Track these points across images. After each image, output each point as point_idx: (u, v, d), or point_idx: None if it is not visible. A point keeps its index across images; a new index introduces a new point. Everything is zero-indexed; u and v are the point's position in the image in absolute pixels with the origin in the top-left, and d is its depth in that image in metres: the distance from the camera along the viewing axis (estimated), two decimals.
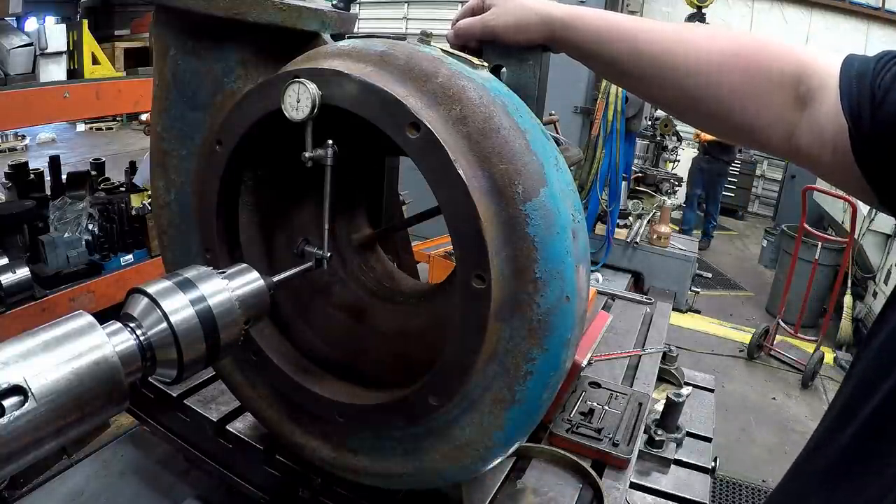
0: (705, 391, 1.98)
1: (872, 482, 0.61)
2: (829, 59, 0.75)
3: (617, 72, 0.96)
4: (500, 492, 1.23)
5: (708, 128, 0.92)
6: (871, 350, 0.69)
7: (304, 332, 1.16)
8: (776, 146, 0.81)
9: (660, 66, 0.88)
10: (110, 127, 12.67)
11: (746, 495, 3.66)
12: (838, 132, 0.71)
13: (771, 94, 0.79)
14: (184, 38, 1.01)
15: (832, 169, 0.75)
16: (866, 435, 0.64)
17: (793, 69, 0.78)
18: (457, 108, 0.80)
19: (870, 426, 0.64)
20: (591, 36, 0.94)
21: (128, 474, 1.57)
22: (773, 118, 0.79)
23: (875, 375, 0.65)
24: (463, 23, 1.02)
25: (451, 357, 0.85)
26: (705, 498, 1.46)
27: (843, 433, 0.67)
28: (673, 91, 0.89)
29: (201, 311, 0.73)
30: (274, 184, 1.12)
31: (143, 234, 2.93)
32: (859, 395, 0.67)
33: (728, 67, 0.82)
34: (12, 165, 2.96)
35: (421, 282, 1.50)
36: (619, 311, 2.31)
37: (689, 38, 0.87)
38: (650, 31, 0.90)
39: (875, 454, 0.63)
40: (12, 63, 2.58)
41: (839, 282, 5.27)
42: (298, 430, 1.13)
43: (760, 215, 10.57)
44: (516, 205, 0.78)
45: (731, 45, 0.84)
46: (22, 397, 0.57)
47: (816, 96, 0.75)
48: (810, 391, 4.95)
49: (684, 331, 5.46)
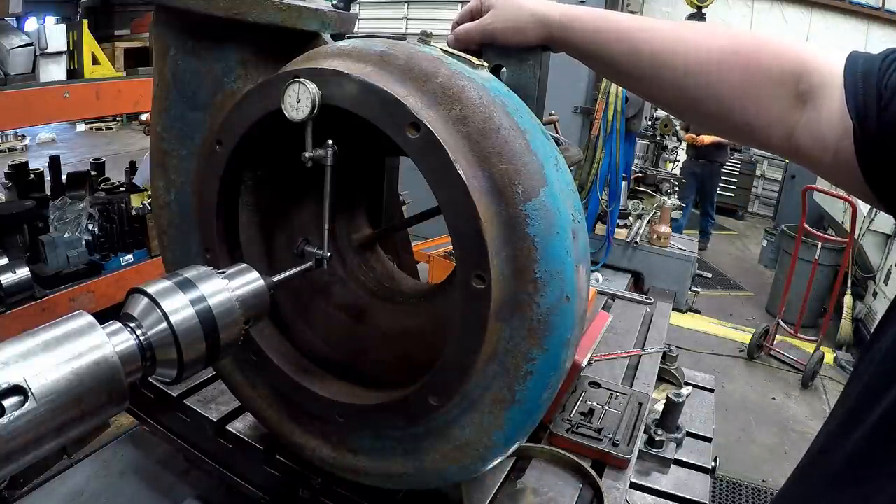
0: (705, 391, 1.98)
1: (881, 488, 0.60)
2: (831, 57, 0.75)
3: (616, 72, 0.96)
4: (500, 492, 1.23)
5: (708, 127, 0.92)
6: (878, 353, 0.68)
7: (305, 332, 1.16)
8: (777, 145, 0.81)
9: (658, 65, 0.88)
10: (110, 127, 12.67)
11: (746, 495, 3.65)
12: (841, 131, 0.70)
13: (771, 93, 0.78)
14: (184, 38, 1.01)
15: (833, 168, 0.75)
16: (874, 440, 0.63)
17: (793, 67, 0.77)
18: (457, 108, 0.80)
19: (878, 432, 0.63)
20: (589, 36, 0.94)
21: (128, 474, 1.57)
22: (774, 116, 0.79)
23: (882, 380, 0.64)
24: (462, 28, 1.02)
25: (451, 357, 0.85)
26: (705, 498, 1.46)
27: (850, 438, 0.66)
28: (672, 91, 0.88)
29: (201, 311, 0.73)
30: (274, 184, 1.12)
31: (143, 234, 2.92)
32: (865, 399, 0.66)
33: (727, 66, 0.82)
34: (12, 165, 2.96)
35: (421, 282, 1.50)
36: (619, 311, 2.31)
37: (688, 37, 0.86)
38: (648, 31, 0.90)
39: (883, 460, 0.62)
40: (12, 63, 2.58)
41: (839, 282, 5.27)
42: (298, 430, 1.13)
43: (760, 215, 10.57)
44: (516, 205, 0.78)
45: (730, 43, 0.83)
46: (22, 397, 0.57)
47: (818, 94, 0.74)
48: (810, 391, 4.95)
49: (684, 331, 5.46)
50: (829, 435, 0.73)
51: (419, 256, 2.13)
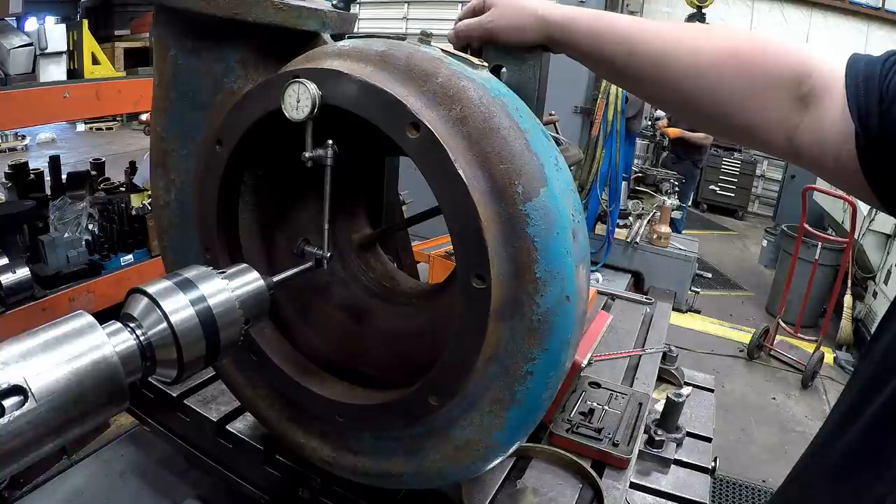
0: (705, 391, 1.98)
1: (877, 481, 0.61)
2: (832, 60, 0.74)
3: (615, 73, 0.96)
4: (500, 492, 1.23)
5: (709, 128, 0.92)
6: (877, 352, 0.69)
7: (305, 332, 1.16)
8: (778, 147, 0.81)
9: (657, 67, 0.87)
10: (110, 127, 12.67)
11: (746, 495, 3.66)
12: (843, 134, 0.70)
13: (771, 95, 0.78)
14: (184, 38, 1.01)
15: (836, 171, 0.75)
16: (871, 435, 0.64)
17: (794, 69, 0.77)
18: (457, 108, 0.79)
19: (874, 426, 0.64)
20: (588, 38, 0.94)
21: (128, 474, 1.57)
22: (774, 119, 0.79)
23: (880, 377, 0.64)
24: (462, 24, 1.03)
25: (451, 357, 0.85)
26: (705, 498, 1.46)
27: (847, 434, 0.67)
28: (672, 92, 0.88)
29: (201, 311, 0.73)
30: (274, 184, 1.12)
31: (143, 234, 2.92)
32: (864, 396, 0.67)
33: (727, 68, 0.81)
34: (12, 165, 2.95)
35: (421, 282, 1.49)
36: (619, 311, 2.31)
37: (686, 39, 0.86)
38: (646, 32, 0.90)
39: (880, 453, 0.63)
40: (12, 63, 2.58)
41: (839, 282, 5.27)
42: (298, 430, 1.13)
43: (760, 215, 10.56)
44: (516, 205, 0.78)
45: (729, 44, 0.83)
46: (22, 397, 0.57)
47: (819, 97, 0.74)
48: (810, 391, 4.95)
49: (684, 331, 5.46)
50: (827, 433, 0.74)
51: (419, 256, 2.14)
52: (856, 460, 0.66)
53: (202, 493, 1.51)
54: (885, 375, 0.64)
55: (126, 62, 3.26)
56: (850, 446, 0.67)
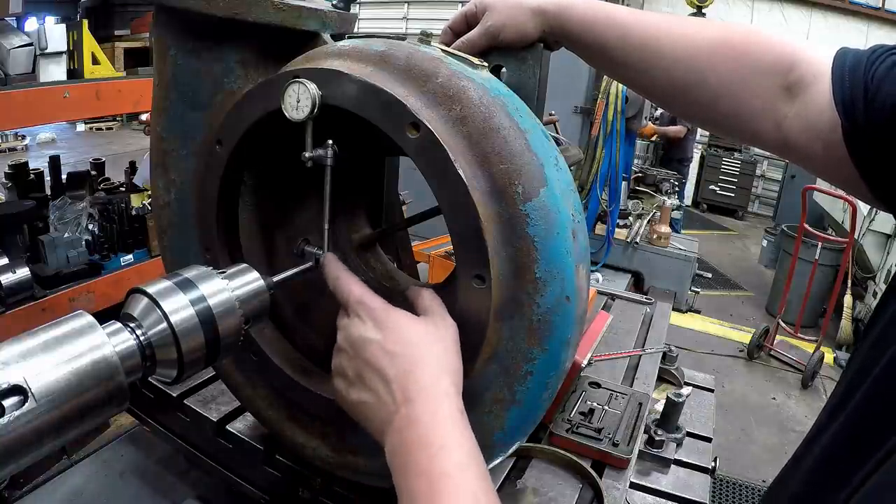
0: (705, 391, 1.98)
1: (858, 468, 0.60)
2: (821, 51, 0.75)
3: (607, 59, 0.96)
4: (500, 492, 1.23)
5: (696, 118, 0.92)
6: (865, 344, 0.69)
7: (305, 332, 1.16)
8: (765, 137, 0.81)
9: (650, 53, 0.88)
10: (110, 127, 12.68)
11: (746, 495, 3.66)
12: (830, 123, 0.70)
13: (759, 83, 0.79)
14: (184, 38, 1.01)
15: (824, 162, 0.75)
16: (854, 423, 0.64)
17: (783, 58, 0.78)
18: (457, 108, 0.79)
19: (858, 413, 0.64)
20: (582, 23, 0.95)
21: (128, 474, 1.57)
22: (762, 107, 0.79)
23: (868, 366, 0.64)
24: (464, 41, 1.02)
25: None
26: (705, 498, 1.46)
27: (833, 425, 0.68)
28: (661, 79, 0.89)
29: (201, 311, 0.73)
30: (274, 184, 1.12)
31: (143, 234, 2.92)
32: (852, 387, 0.67)
33: (718, 55, 0.82)
34: (12, 165, 2.95)
35: (421, 282, 1.49)
36: (619, 311, 2.31)
37: (680, 27, 0.87)
38: (640, 20, 0.91)
39: (856, 447, 0.63)
40: (12, 63, 2.58)
41: (839, 282, 5.27)
42: (298, 430, 1.12)
43: (760, 215, 10.58)
44: (516, 205, 0.78)
45: (720, 33, 0.84)
46: (22, 397, 0.57)
47: (807, 86, 0.75)
48: (810, 391, 4.95)
49: (684, 331, 5.46)
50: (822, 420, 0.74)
51: (419, 256, 2.13)
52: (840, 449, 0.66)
53: (202, 493, 1.50)
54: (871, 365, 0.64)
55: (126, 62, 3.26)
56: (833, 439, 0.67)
